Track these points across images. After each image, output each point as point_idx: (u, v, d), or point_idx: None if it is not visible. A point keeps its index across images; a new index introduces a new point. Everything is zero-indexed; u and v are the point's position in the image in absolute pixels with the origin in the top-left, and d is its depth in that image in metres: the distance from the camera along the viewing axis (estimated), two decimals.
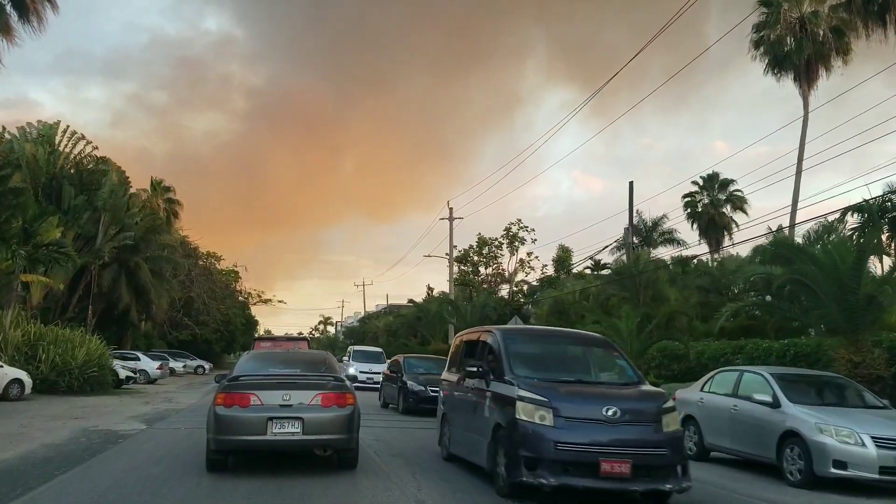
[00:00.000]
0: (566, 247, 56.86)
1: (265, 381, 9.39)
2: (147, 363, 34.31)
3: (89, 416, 17.17)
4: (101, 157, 40.12)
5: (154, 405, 21.08)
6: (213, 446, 9.04)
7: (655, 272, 25.65)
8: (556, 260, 56.62)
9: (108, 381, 26.04)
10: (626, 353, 17.50)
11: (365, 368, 30.18)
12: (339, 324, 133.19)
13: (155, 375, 34.25)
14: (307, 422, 8.88)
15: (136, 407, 20.11)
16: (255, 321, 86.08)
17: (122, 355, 34.11)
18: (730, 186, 57.16)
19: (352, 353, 33.16)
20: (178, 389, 30.05)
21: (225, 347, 70.08)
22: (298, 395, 9.04)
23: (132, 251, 40.93)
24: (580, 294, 31.65)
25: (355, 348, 34.52)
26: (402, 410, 19.36)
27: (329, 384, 9.43)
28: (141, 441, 12.78)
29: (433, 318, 42.57)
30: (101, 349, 25.89)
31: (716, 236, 56.89)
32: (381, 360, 30.44)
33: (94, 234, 38.36)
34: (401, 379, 19.84)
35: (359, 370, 30.09)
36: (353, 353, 32.93)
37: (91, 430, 14.14)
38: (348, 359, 32.47)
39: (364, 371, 30.07)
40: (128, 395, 25.68)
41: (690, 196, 57.91)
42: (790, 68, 33.62)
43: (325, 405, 9.07)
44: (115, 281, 39.91)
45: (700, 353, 18.62)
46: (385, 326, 78.72)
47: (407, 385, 19.34)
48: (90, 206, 38.22)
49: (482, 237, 63.55)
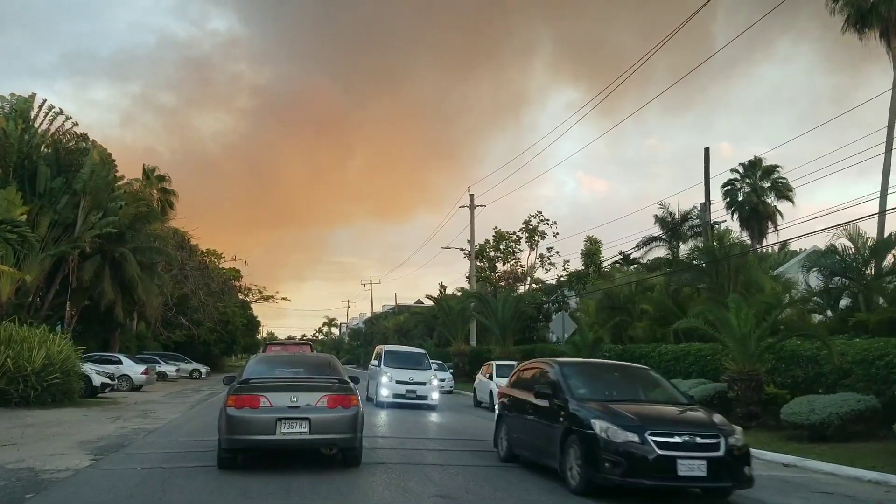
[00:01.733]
0: (595, 238, 52.25)
1: (274, 383, 9.79)
2: (130, 367, 29.70)
3: (25, 440, 12.61)
4: (82, 133, 35.49)
5: (123, 422, 16.47)
6: (224, 446, 9.39)
7: (744, 257, 20.93)
8: (585, 253, 51.95)
9: (75, 390, 21.46)
10: (741, 356, 15.46)
11: (402, 376, 21.98)
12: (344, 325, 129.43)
13: (139, 381, 29.63)
14: (314, 422, 9.24)
15: (97, 426, 15.50)
16: (257, 322, 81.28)
17: (100, 358, 29.55)
18: (774, 173, 52.73)
19: (383, 355, 23.42)
20: (163, 398, 25.43)
21: (225, 349, 65.21)
22: (305, 396, 9.40)
23: (117, 241, 36.40)
24: (636, 286, 26.95)
25: (387, 349, 24.74)
26: (583, 487, 8.50)
27: (334, 386, 9.78)
28: (64, 496, 8.15)
29: (455, 317, 37.92)
30: (66, 351, 21.30)
31: (759, 227, 52.37)
32: (425, 365, 23.26)
33: (74, 220, 33.93)
34: (567, 412, 9.09)
35: (395, 378, 21.92)
36: (384, 356, 23.28)
37: (6, 468, 9.55)
38: (378, 363, 23.22)
39: (402, 380, 21.85)
40: (99, 406, 21.09)
41: (730, 184, 53.40)
42: (876, 23, 28.97)
43: (331, 406, 9.43)
44: (98, 274, 35.27)
45: (842, 354, 13.92)
46: (395, 326, 74.06)
47: (594, 430, 8.37)
48: (69, 188, 33.80)
49: (499, 231, 58.97)
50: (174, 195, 54.55)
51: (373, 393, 22.62)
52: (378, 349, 25.16)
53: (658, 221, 52.43)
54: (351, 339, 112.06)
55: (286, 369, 10.70)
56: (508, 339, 31.06)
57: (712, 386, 16.80)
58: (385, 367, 22.46)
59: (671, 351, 21.16)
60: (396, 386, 21.60)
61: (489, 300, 31.91)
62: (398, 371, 22.11)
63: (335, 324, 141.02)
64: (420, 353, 24.65)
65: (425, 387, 21.75)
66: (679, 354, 20.62)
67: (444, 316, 39.80)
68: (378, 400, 21.66)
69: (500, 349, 30.32)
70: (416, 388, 21.52)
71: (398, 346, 32.97)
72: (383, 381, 21.88)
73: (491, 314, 31.01)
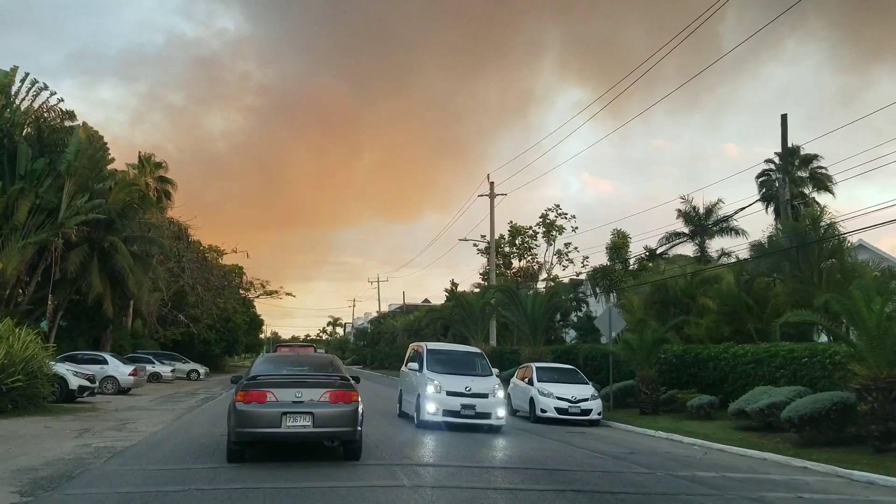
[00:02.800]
0: (623, 231, 48.92)
1: (280, 380, 10.36)
2: (116, 367, 26.43)
3: None
4: (68, 110, 32.26)
5: (89, 437, 13.19)
6: (233, 438, 9.93)
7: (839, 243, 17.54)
8: (611, 247, 48.60)
9: (43, 395, 18.19)
10: (877, 358, 12.30)
11: (455, 385, 15.96)
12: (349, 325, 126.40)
13: (127, 384, 26.37)
14: (317, 416, 9.85)
15: (52, 443, 12.22)
16: (259, 321, 77.89)
17: (83, 357, 26.32)
18: (812, 163, 49.39)
19: (425, 356, 17.22)
20: (150, 404, 22.15)
21: (226, 349, 61.67)
22: (309, 392, 10.00)
23: (106, 229, 33.19)
24: (692, 278, 23.56)
25: (430, 347, 18.12)
26: None
27: (336, 383, 10.35)
28: None
29: (475, 313, 34.56)
30: (33, 348, 18.03)
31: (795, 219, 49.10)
32: (485, 370, 17.19)
33: (58, 205, 30.74)
34: None
35: (445, 388, 15.88)
36: (426, 357, 17.12)
37: None
38: (418, 367, 17.19)
39: (456, 391, 15.84)
40: (71, 414, 17.81)
41: (765, 175, 50.07)
42: None
43: (333, 401, 10.03)
44: (85, 265, 31.97)
45: None
46: (404, 325, 70.59)
47: None
48: (52, 170, 30.62)
49: (515, 225, 55.70)
50: (172, 184, 51.30)
51: (410, 408, 17.25)
52: (416, 348, 18.80)
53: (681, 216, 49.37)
54: (356, 339, 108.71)
55: (291, 367, 11.25)
56: (539, 337, 27.75)
57: (828, 396, 13.44)
58: (430, 372, 16.42)
59: (749, 352, 17.84)
60: (448, 399, 15.65)
61: (518, 294, 28.56)
62: (449, 379, 16.12)
63: (340, 324, 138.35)
64: (475, 354, 18.50)
65: (487, 400, 15.78)
66: (761, 357, 17.29)
67: (461, 312, 36.42)
68: (422, 419, 15.82)
69: (530, 349, 26.96)
70: (475, 402, 15.68)
71: (444, 343, 25.93)
72: (429, 393, 15.79)
73: (520, 310, 27.67)
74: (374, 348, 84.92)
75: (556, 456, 12.53)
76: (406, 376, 18.54)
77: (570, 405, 18.70)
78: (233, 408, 9.91)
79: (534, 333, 27.70)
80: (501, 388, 16.55)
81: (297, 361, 11.76)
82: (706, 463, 12.53)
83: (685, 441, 15.38)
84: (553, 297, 28.53)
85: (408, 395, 17.70)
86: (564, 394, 18.87)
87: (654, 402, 19.69)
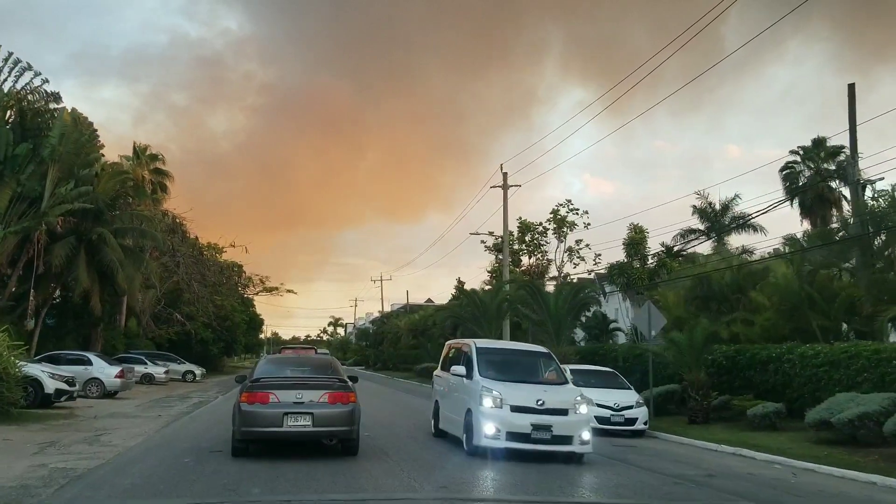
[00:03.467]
0: (639, 226, 46.61)
1: (282, 382, 10.81)
2: (102, 369, 24.09)
3: None
4: (53, 92, 29.91)
5: (49, 455, 10.89)
6: (238, 437, 10.50)
7: None
8: (628, 242, 46.27)
9: (9, 400, 15.81)
10: None
11: (523, 397, 11.70)
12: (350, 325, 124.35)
13: (113, 386, 24.05)
14: (316, 416, 10.35)
15: (4, 462, 9.92)
16: (260, 320, 75.37)
17: (65, 357, 24.04)
18: (840, 155, 47.16)
19: (474, 357, 12.74)
20: (135, 410, 19.84)
21: (224, 349, 59.18)
22: (309, 394, 10.50)
23: (95, 220, 30.86)
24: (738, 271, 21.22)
25: (479, 345, 13.50)
26: None
27: (334, 385, 10.83)
28: None
29: (490, 311, 32.21)
30: None
31: (823, 215, 46.90)
32: (560, 376, 12.99)
33: (42, 194, 28.50)
34: None
35: (508, 402, 11.56)
36: (476, 358, 12.70)
37: None
38: (465, 373, 12.63)
39: (524, 406, 11.54)
40: (41, 422, 15.51)
41: (790, 167, 47.85)
42: None
43: (332, 402, 10.53)
44: (72, 258, 29.61)
45: None
46: (409, 325, 68.21)
47: None
48: (35, 156, 28.37)
49: (524, 221, 53.43)
50: (169, 177, 48.95)
51: (452, 427, 13.02)
52: (459, 346, 14.42)
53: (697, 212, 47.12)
54: (358, 339, 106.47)
55: (293, 369, 11.71)
56: (563, 337, 25.43)
57: None
58: (484, 379, 12.03)
59: (822, 353, 15.48)
60: (513, 418, 11.33)
61: (541, 289, 26.24)
62: (512, 388, 11.80)
63: (341, 324, 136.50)
64: (541, 354, 13.95)
65: (567, 419, 11.48)
66: (837, 358, 14.94)
67: (473, 310, 34.07)
68: (476, 444, 11.52)
69: (553, 350, 24.54)
70: (551, 421, 11.35)
71: (496, 340, 20.00)
72: (486, 409, 11.46)
73: (542, 307, 25.34)
74: (377, 349, 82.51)
75: (628, 483, 10.18)
76: (444, 384, 14.06)
77: (612, 413, 16.35)
78: (238, 408, 10.47)
79: (557, 333, 25.36)
80: (585, 400, 12.12)
81: (298, 363, 12.40)
82: (805, 489, 10.23)
83: (759, 458, 13.04)
84: (579, 293, 26.14)
85: (449, 410, 13.42)
86: (605, 400, 16.48)
87: (705, 410, 17.37)
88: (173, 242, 37.85)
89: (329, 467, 9.98)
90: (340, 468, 9.94)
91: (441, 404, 14.11)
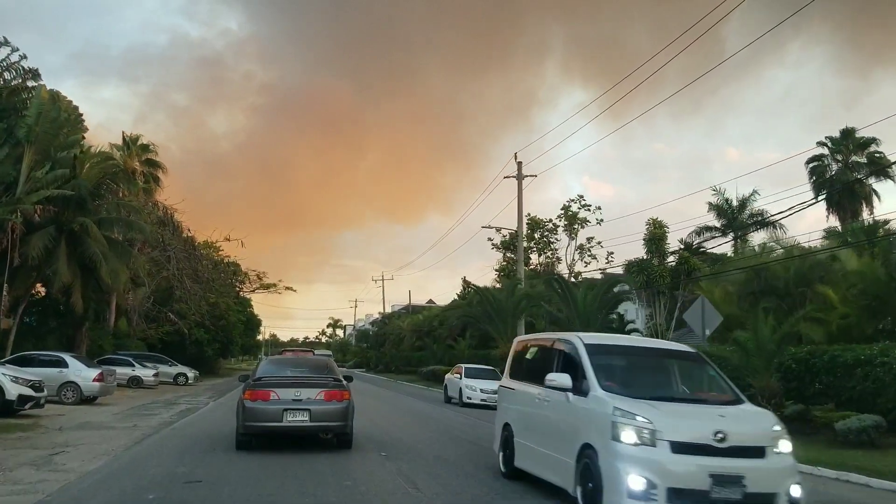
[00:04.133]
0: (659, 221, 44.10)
1: (281, 381, 11.83)
2: (77, 371, 21.50)
3: None
4: (31, 69, 27.31)
5: None
6: (241, 431, 11.49)
7: None
8: (648, 238, 43.76)
9: None
10: None
11: (692, 428, 6.96)
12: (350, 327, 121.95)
13: (91, 391, 21.49)
14: (313, 412, 11.32)
15: None
16: (257, 321, 72.48)
17: (36, 359, 21.47)
18: (869, 147, 44.78)
19: (584, 358, 7.97)
20: (111, 419, 17.24)
21: (220, 350, 56.41)
22: (307, 392, 11.45)
23: (77, 209, 28.32)
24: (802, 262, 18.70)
25: (589, 340, 8.57)
26: None
27: (330, 383, 11.80)
28: None
29: (507, 309, 29.69)
30: None
31: (852, 209, 44.48)
32: (726, 390, 8.16)
33: (17, 178, 26.00)
34: None
35: (666, 435, 6.80)
36: (587, 362, 7.90)
37: None
38: (571, 386, 7.83)
39: (693, 443, 6.80)
40: None
41: (817, 160, 45.45)
42: None
43: (327, 399, 11.50)
44: (51, 250, 27.02)
45: None
46: (412, 326, 65.61)
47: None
48: (10, 137, 25.87)
49: (534, 218, 51.15)
50: (162, 168, 46.31)
51: (551, 469, 8.35)
52: (549, 342, 9.59)
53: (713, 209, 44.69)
54: (358, 340, 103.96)
55: (293, 369, 12.93)
56: None
57: None
58: (609, 394, 7.44)
59: None
60: (678, 462, 6.74)
61: (569, 284, 23.73)
62: (668, 413, 7.14)
63: (340, 325, 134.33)
64: (690, 356, 8.82)
65: (765, 464, 6.97)
66: None
67: (486, 309, 31.58)
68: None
69: None
70: (740, 467, 6.78)
71: (612, 335, 12.81)
72: (627, 447, 6.88)
73: (569, 303, 22.80)
74: (378, 350, 79.87)
75: None
76: (522, 401, 9.47)
77: None
78: (241, 405, 11.40)
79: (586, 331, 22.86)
80: (784, 431, 7.38)
81: (297, 363, 13.71)
82: None
83: (874, 485, 10.49)
84: (611, 288, 23.63)
85: (538, 442, 8.78)
86: None
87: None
88: (164, 235, 35.21)
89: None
90: None
91: (516, 430, 9.50)
